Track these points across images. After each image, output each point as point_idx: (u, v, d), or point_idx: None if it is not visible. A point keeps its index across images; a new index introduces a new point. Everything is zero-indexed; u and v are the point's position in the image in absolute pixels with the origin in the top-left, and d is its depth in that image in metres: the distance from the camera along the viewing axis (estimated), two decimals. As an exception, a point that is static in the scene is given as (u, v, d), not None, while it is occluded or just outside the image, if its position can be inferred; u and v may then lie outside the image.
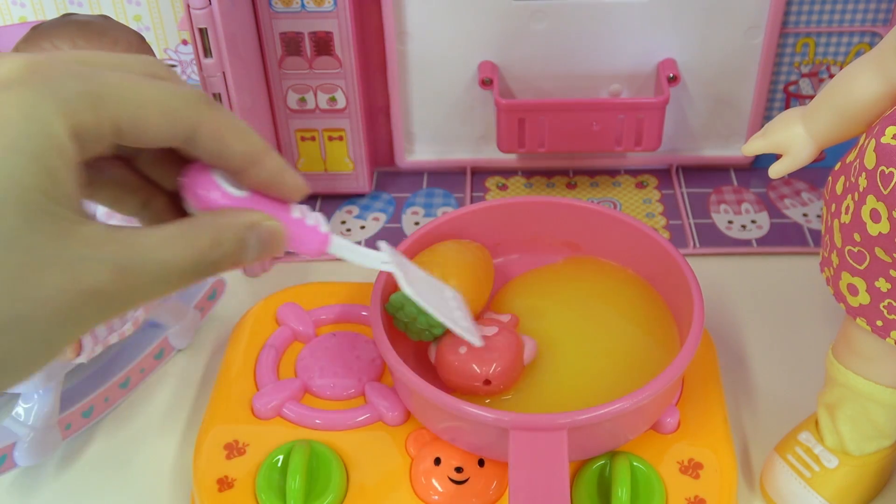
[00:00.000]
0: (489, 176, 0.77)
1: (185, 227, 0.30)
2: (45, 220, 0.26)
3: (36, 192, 0.26)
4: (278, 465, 0.50)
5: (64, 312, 0.27)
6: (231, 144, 0.31)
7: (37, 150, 0.26)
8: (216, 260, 0.30)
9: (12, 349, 0.26)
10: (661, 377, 0.48)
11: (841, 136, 0.47)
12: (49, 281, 0.26)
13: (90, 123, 0.27)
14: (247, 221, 0.31)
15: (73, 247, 0.27)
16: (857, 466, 0.50)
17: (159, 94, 0.29)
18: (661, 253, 0.56)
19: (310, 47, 0.68)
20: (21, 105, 0.26)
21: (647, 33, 0.69)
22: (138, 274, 0.28)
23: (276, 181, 0.33)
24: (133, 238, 0.28)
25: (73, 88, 0.27)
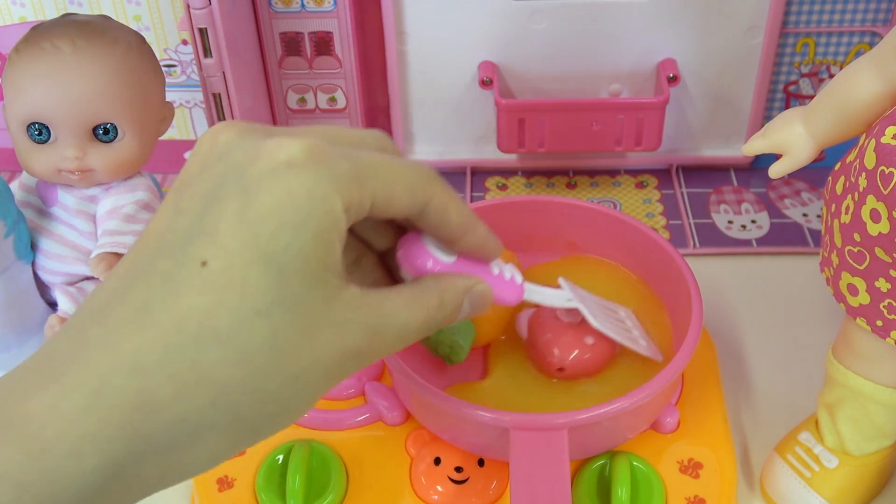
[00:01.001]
0: (489, 176, 0.77)
1: (417, 291, 0.33)
2: (321, 287, 0.29)
3: (316, 263, 0.29)
4: (278, 465, 0.50)
5: (331, 369, 0.30)
6: (452, 217, 0.34)
7: (321, 227, 0.29)
8: (439, 320, 0.34)
9: (291, 399, 0.30)
10: (661, 376, 0.48)
11: (841, 136, 0.47)
12: (323, 342, 0.30)
13: (356, 199, 0.30)
14: (464, 287, 0.35)
15: (340, 311, 0.30)
16: (857, 466, 0.50)
17: (405, 171, 0.32)
18: (660, 252, 0.56)
19: (310, 47, 0.68)
20: (307, 185, 0.29)
21: (647, 33, 0.69)
22: (385, 335, 0.32)
23: (483, 245, 0.36)
24: (380, 302, 0.32)
25: (345, 169, 0.30)
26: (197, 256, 0.28)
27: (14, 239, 0.57)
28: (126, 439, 0.27)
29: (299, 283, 0.29)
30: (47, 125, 0.55)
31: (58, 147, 0.56)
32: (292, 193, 0.29)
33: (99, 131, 0.56)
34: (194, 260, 0.28)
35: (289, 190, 0.29)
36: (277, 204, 0.28)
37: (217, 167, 0.30)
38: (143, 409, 0.27)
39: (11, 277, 0.58)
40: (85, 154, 0.56)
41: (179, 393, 0.27)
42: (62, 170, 0.56)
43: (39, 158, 0.56)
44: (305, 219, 0.29)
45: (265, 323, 0.28)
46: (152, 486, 0.29)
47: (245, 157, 0.30)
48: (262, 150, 0.30)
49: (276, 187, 0.29)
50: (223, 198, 0.29)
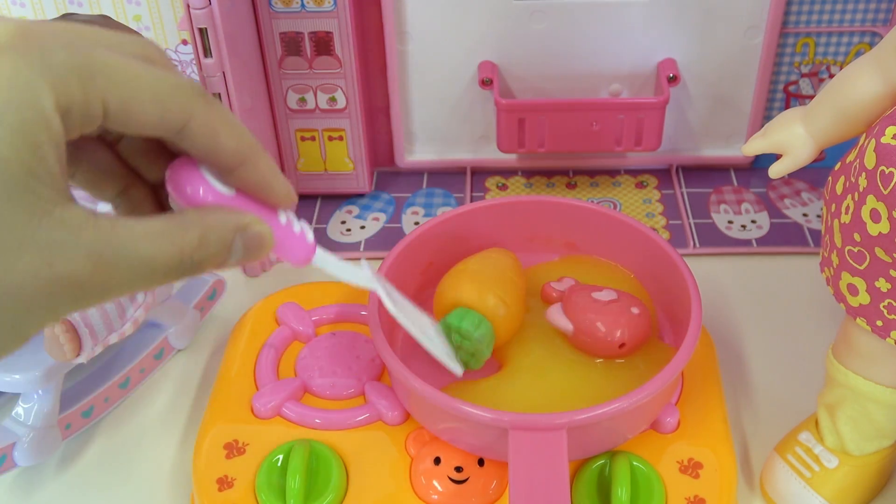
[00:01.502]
0: (489, 176, 0.77)
1: (172, 223, 0.28)
2: (23, 196, 0.25)
3: (16, 167, 0.24)
4: (278, 465, 0.50)
5: (35, 298, 0.25)
6: (223, 141, 0.29)
7: (22, 122, 0.24)
8: (200, 260, 0.29)
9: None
10: (660, 376, 0.48)
11: (841, 136, 0.47)
12: (22, 263, 0.25)
13: (78, 100, 0.26)
14: (235, 223, 0.30)
15: (51, 229, 0.25)
16: (857, 466, 0.50)
17: (153, 79, 0.28)
18: (659, 252, 0.56)
19: (310, 47, 0.68)
20: (6, 71, 0.24)
21: (647, 33, 0.69)
22: (117, 266, 0.27)
23: (265, 184, 0.31)
24: (115, 228, 0.27)
25: (65, 60, 0.26)
26: None
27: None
28: None
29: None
30: (47, 125, 0.55)
31: (58, 147, 0.56)
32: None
33: (99, 131, 0.56)
34: None
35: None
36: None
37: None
38: None
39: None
40: (85, 154, 0.56)
41: None
42: (62, 170, 0.56)
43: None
44: (1, 111, 0.24)
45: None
46: None
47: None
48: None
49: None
50: None
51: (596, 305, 0.53)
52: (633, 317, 0.52)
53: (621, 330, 0.52)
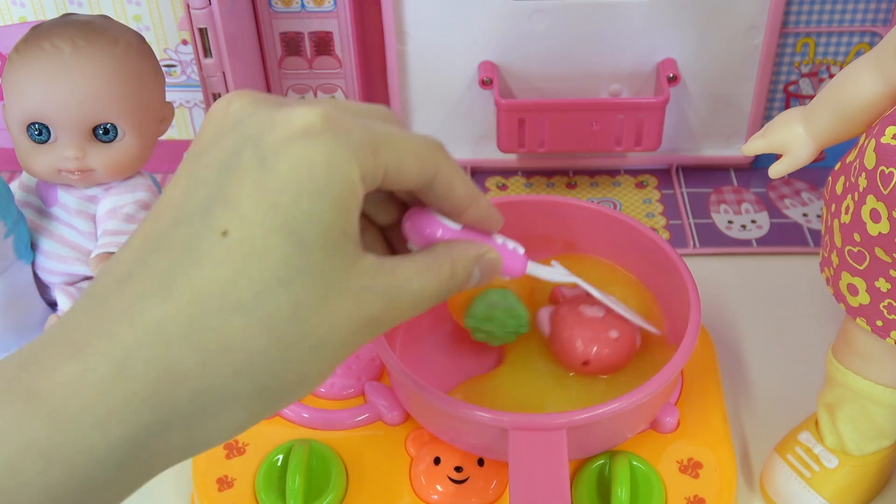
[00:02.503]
0: (489, 176, 0.77)
1: (429, 259, 0.34)
2: (340, 254, 0.30)
3: (335, 231, 0.29)
4: (278, 465, 0.50)
5: (350, 336, 0.30)
6: (458, 188, 0.34)
7: (339, 195, 0.29)
8: (451, 288, 0.34)
9: (313, 367, 0.30)
10: (659, 376, 0.48)
11: (841, 136, 0.47)
12: (342, 309, 0.30)
13: (371, 168, 0.30)
14: (475, 255, 0.35)
15: (358, 279, 0.30)
16: (857, 466, 0.50)
17: (414, 141, 0.32)
18: (658, 251, 0.56)
19: (310, 47, 0.68)
20: (325, 153, 0.29)
21: (647, 33, 0.69)
22: (400, 302, 0.32)
23: (486, 217, 0.36)
24: (394, 270, 0.32)
25: (360, 137, 0.30)
26: (217, 226, 0.28)
27: (14, 239, 0.57)
28: (152, 410, 0.27)
29: (319, 252, 0.29)
30: (47, 125, 0.55)
31: (58, 147, 0.56)
32: (311, 161, 0.29)
33: (99, 131, 0.56)
34: (214, 229, 0.28)
35: (307, 158, 0.29)
36: (296, 172, 0.29)
37: (232, 136, 0.30)
38: (168, 379, 0.27)
39: (11, 277, 0.58)
40: (85, 154, 0.56)
41: (204, 363, 0.28)
42: (62, 170, 0.56)
43: (39, 158, 0.56)
44: (325, 187, 0.29)
45: (287, 292, 0.28)
46: (177, 456, 0.29)
47: (261, 126, 0.30)
48: (277, 119, 0.30)
49: (295, 155, 0.29)
50: (241, 167, 0.29)
51: (576, 318, 0.52)
52: (608, 339, 0.51)
53: (586, 346, 0.51)
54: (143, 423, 0.27)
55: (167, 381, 0.27)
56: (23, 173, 0.60)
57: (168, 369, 0.27)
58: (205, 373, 0.28)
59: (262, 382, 0.29)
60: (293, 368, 0.29)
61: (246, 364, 0.28)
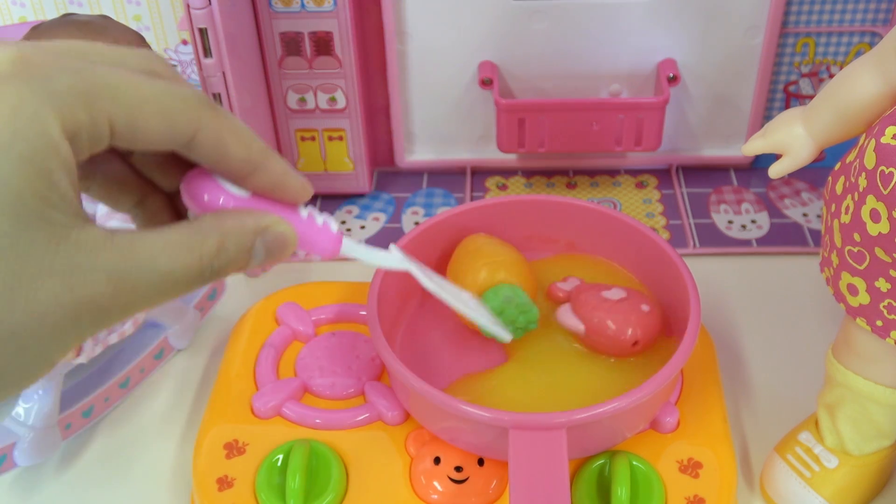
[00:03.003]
0: (489, 176, 0.77)
1: (188, 232, 0.28)
2: (39, 225, 0.25)
3: (30, 197, 0.24)
4: (278, 465, 0.50)
5: (60, 324, 0.25)
6: (232, 150, 0.29)
7: (30, 152, 0.24)
8: (220, 267, 0.29)
9: (7, 363, 0.25)
10: (659, 375, 0.48)
11: (841, 136, 0.47)
12: (44, 292, 0.25)
13: (85, 124, 0.26)
14: (254, 226, 0.30)
15: (69, 254, 0.25)
16: (857, 466, 0.50)
17: (157, 94, 0.27)
18: (656, 250, 0.56)
19: (310, 47, 0.68)
20: (12, 101, 0.24)
21: (647, 33, 0.69)
22: (137, 283, 0.27)
23: (279, 185, 0.31)
24: (132, 245, 0.27)
25: (68, 85, 0.25)
26: None
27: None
28: None
29: (9, 222, 0.24)
30: (47, 125, 0.55)
31: (58, 147, 0.56)
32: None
33: (99, 131, 0.56)
34: None
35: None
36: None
37: None
38: None
39: None
40: (85, 154, 0.56)
41: None
42: (62, 170, 0.56)
43: (39, 158, 0.56)
44: (9, 142, 0.24)
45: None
46: None
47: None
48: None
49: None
50: None
51: (606, 304, 0.53)
52: (644, 314, 0.52)
53: (633, 328, 0.52)
54: None
55: None
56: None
57: None
58: None
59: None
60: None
61: None
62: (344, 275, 0.63)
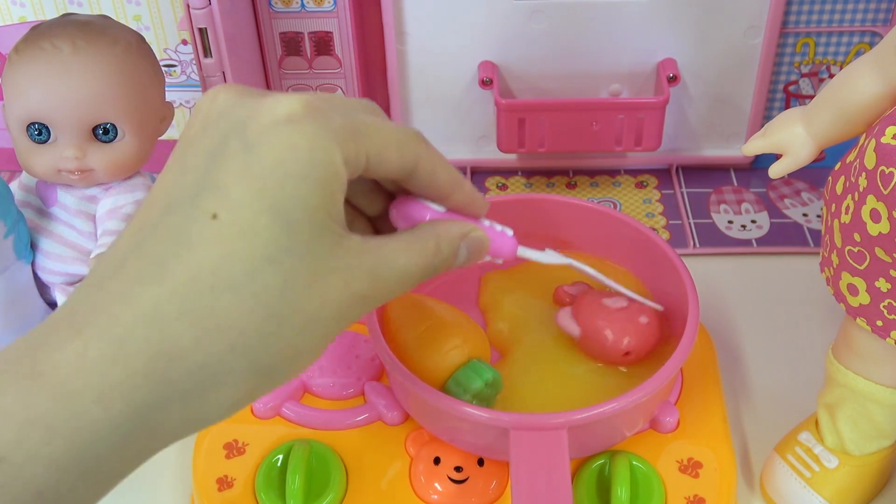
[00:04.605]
0: (489, 176, 0.77)
1: (413, 237, 0.35)
2: (327, 234, 0.31)
3: (321, 212, 0.30)
4: (278, 465, 0.50)
5: (340, 312, 0.31)
6: (440, 175, 0.36)
7: (323, 177, 0.30)
8: (437, 265, 0.35)
9: (306, 343, 0.31)
10: (658, 375, 0.48)
11: (841, 136, 0.47)
12: (331, 287, 0.31)
13: (352, 154, 0.32)
14: (459, 232, 0.36)
15: (344, 257, 0.31)
16: (857, 466, 0.50)
17: (394, 133, 0.34)
18: (654, 249, 0.56)
19: (310, 47, 0.68)
20: (308, 137, 0.30)
21: (647, 33, 0.69)
22: (387, 279, 0.33)
23: (471, 202, 0.37)
24: (380, 248, 0.33)
25: (341, 124, 0.31)
26: (206, 210, 0.30)
27: (14, 239, 0.57)
28: (150, 385, 0.29)
29: (306, 231, 0.30)
30: (47, 125, 0.55)
31: (58, 147, 0.56)
32: (294, 146, 0.30)
33: (99, 131, 0.56)
34: (204, 213, 0.30)
35: (291, 143, 0.30)
36: (281, 156, 0.30)
37: (219, 125, 0.31)
38: (166, 356, 0.29)
39: (11, 277, 0.58)
40: (85, 154, 0.56)
41: (199, 339, 0.29)
42: (62, 170, 0.56)
43: (39, 158, 0.56)
44: (308, 169, 0.30)
45: (276, 269, 0.30)
46: (176, 433, 0.30)
47: (246, 114, 0.31)
48: (261, 107, 0.31)
49: (279, 141, 0.30)
50: (227, 153, 0.30)
51: (605, 312, 0.53)
52: (641, 326, 0.52)
53: (628, 338, 0.52)
54: (143, 398, 0.29)
55: (164, 358, 0.29)
56: (23, 173, 0.60)
57: (165, 347, 0.29)
58: (200, 349, 0.29)
59: (256, 358, 0.30)
60: (285, 344, 0.30)
61: (239, 340, 0.29)
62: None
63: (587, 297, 0.54)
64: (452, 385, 0.49)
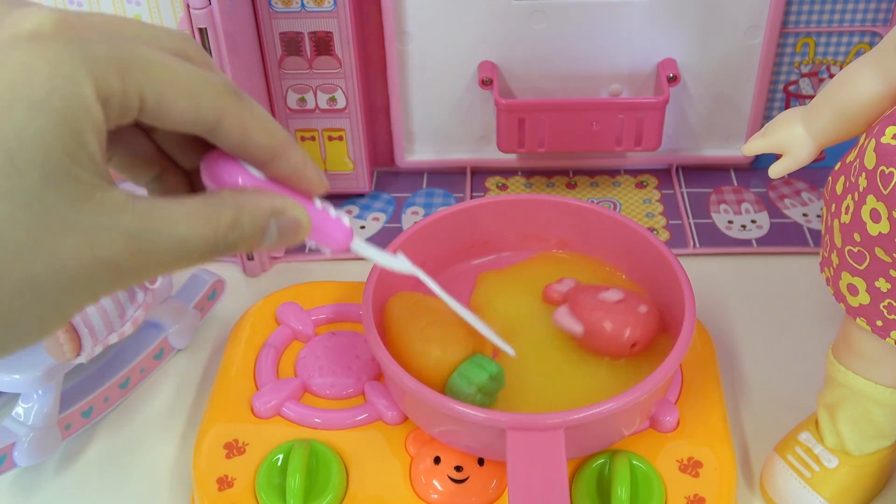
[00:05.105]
0: (489, 176, 0.77)
1: (206, 203, 0.29)
2: (66, 181, 0.25)
3: (60, 153, 0.25)
4: (278, 465, 0.50)
5: (77, 280, 0.26)
6: (255, 137, 0.30)
7: (65, 109, 0.25)
8: (233, 241, 0.30)
9: (25, 311, 0.26)
10: (656, 374, 0.48)
11: (841, 136, 0.47)
12: (65, 246, 0.26)
13: (117, 92, 0.27)
14: (270, 207, 0.31)
15: (92, 213, 0.26)
16: (857, 466, 0.50)
17: (187, 77, 0.28)
18: (650, 249, 0.56)
19: (310, 47, 0.68)
20: (51, 60, 0.25)
21: (647, 33, 0.69)
22: (154, 247, 0.27)
23: (297, 174, 0.32)
24: (152, 210, 0.27)
25: (104, 52, 0.26)
26: None
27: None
28: None
29: (37, 174, 0.25)
30: (47, 125, 0.55)
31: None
32: (31, 68, 0.25)
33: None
34: None
35: (27, 63, 0.25)
36: (11, 79, 0.25)
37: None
38: None
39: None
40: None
41: None
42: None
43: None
44: (45, 97, 0.25)
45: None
46: None
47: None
48: (6, 19, 0.26)
49: (14, 60, 0.25)
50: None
51: (605, 306, 0.53)
52: (642, 315, 0.52)
53: (631, 329, 0.52)
54: None
55: None
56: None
57: None
58: None
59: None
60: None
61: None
62: (344, 275, 0.63)
63: (582, 294, 0.54)
64: (457, 378, 0.49)
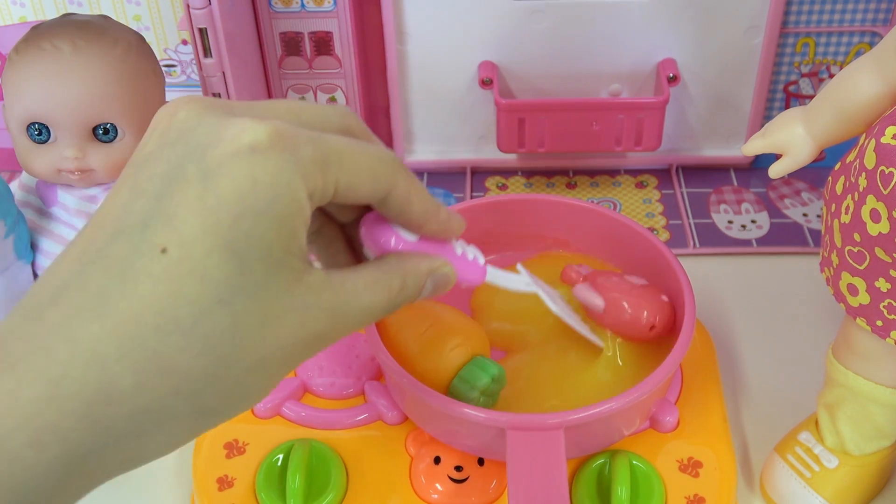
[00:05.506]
0: (489, 176, 0.77)
1: (379, 272, 0.33)
2: (283, 271, 0.29)
3: (279, 250, 0.29)
4: (278, 465, 0.50)
5: (294, 354, 0.30)
6: (415, 206, 0.34)
7: (284, 214, 0.29)
8: (401, 302, 0.34)
9: (255, 385, 0.30)
10: (655, 374, 0.48)
11: (841, 136, 0.47)
12: (285, 328, 0.29)
13: (320, 186, 0.30)
14: (428, 268, 0.35)
15: (302, 294, 0.30)
16: (857, 466, 0.50)
17: (369, 160, 0.32)
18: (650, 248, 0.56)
19: (310, 47, 0.68)
20: (271, 171, 0.28)
21: (647, 33, 0.69)
22: (347, 317, 0.31)
23: (444, 231, 0.36)
24: (343, 284, 0.31)
25: (309, 154, 0.30)
26: (155, 242, 0.28)
27: (14, 239, 0.57)
28: (87, 430, 0.27)
29: (261, 271, 0.28)
30: (47, 125, 0.55)
31: (58, 147, 0.56)
32: (255, 180, 0.28)
33: (99, 131, 0.56)
34: (153, 246, 0.28)
35: (252, 176, 0.28)
36: (240, 190, 0.28)
37: (177, 147, 0.29)
38: (104, 400, 0.27)
39: (11, 277, 0.58)
40: (85, 154, 0.56)
41: (141, 383, 0.27)
42: (62, 170, 0.56)
43: (39, 158, 0.56)
44: (268, 206, 0.28)
45: (227, 311, 0.28)
46: (113, 473, 0.29)
47: (206, 138, 0.29)
48: (224, 133, 0.29)
49: (239, 173, 0.28)
50: (183, 181, 0.28)
51: (628, 286, 0.53)
52: (664, 303, 0.52)
53: (652, 312, 0.52)
54: (78, 443, 0.27)
55: (103, 401, 0.27)
56: (23, 173, 0.60)
57: (104, 389, 0.27)
58: (142, 393, 0.27)
59: (202, 402, 0.28)
60: (233, 387, 0.29)
61: (184, 384, 0.28)
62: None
63: (603, 275, 0.54)
64: (459, 383, 0.49)
